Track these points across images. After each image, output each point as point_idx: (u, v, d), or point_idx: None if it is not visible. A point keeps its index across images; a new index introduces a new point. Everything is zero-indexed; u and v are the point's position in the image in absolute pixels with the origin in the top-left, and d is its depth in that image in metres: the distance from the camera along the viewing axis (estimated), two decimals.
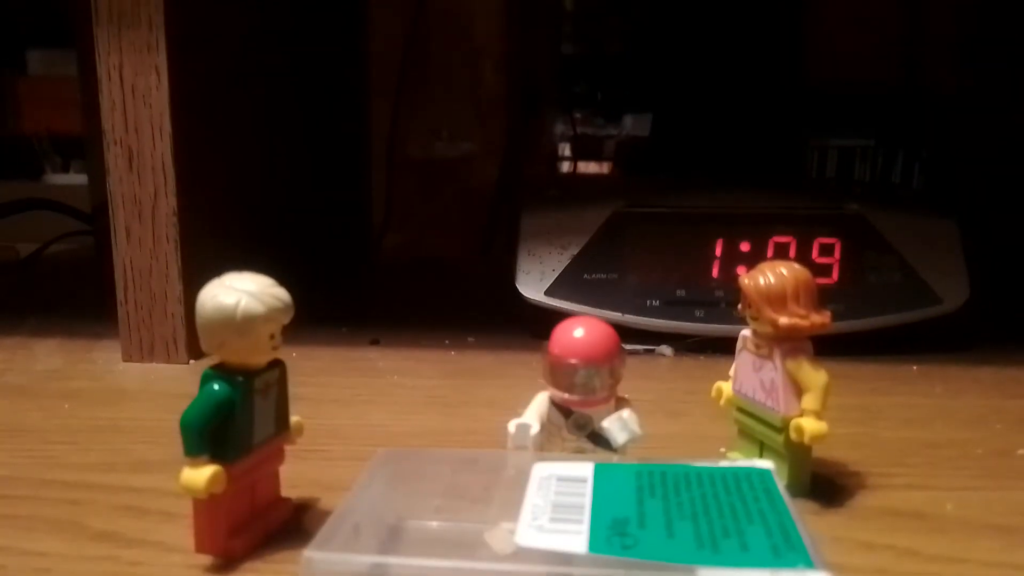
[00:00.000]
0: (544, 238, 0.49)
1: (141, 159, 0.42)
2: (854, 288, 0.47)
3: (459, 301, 0.63)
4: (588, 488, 0.22)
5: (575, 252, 0.48)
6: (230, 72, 0.48)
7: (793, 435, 0.26)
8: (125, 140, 0.41)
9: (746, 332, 0.28)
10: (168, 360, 0.43)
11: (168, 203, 0.42)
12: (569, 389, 0.25)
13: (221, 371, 0.23)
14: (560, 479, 0.22)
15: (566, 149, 0.94)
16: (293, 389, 0.25)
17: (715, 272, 0.48)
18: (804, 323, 0.26)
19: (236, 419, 0.23)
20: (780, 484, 0.22)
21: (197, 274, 0.42)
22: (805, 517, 0.20)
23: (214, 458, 0.22)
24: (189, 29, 0.42)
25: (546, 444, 0.26)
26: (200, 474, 0.22)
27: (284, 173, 0.57)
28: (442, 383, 0.41)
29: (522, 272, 0.48)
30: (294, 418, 0.25)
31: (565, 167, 0.94)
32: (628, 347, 0.31)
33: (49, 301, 0.61)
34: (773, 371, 0.26)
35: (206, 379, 0.23)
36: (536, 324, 0.46)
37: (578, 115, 0.92)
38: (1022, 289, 0.62)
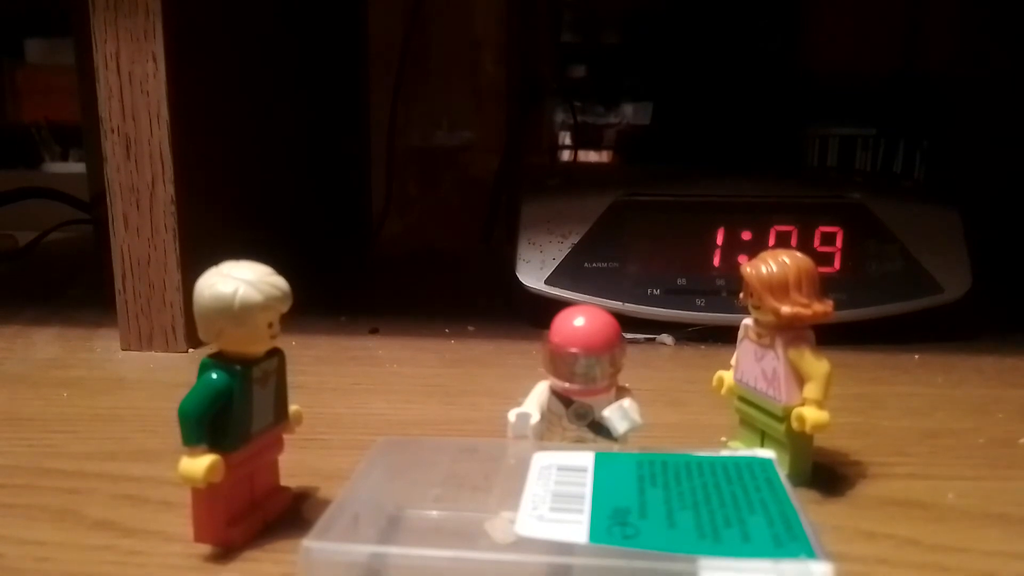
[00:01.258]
0: (544, 227, 0.49)
1: (138, 147, 0.41)
2: (856, 277, 0.46)
3: (459, 290, 0.63)
4: (589, 477, 0.22)
5: (575, 241, 0.48)
6: (228, 59, 0.48)
7: (795, 424, 0.26)
8: (122, 128, 0.41)
9: (748, 321, 0.28)
10: (167, 349, 0.43)
11: (166, 191, 0.42)
12: (569, 378, 0.25)
13: (219, 360, 0.23)
14: (560, 468, 0.22)
15: (566, 138, 0.94)
16: (292, 378, 0.25)
17: (716, 261, 0.47)
18: (806, 312, 0.26)
19: (234, 408, 0.22)
20: (781, 473, 0.22)
21: (195, 263, 0.42)
22: (806, 506, 0.20)
23: (212, 447, 0.22)
24: (186, 16, 0.42)
25: (546, 433, 0.26)
26: (198, 463, 0.22)
27: (283, 161, 0.57)
28: (442, 372, 0.41)
29: (522, 261, 0.48)
30: (293, 407, 0.25)
31: (565, 156, 0.93)
32: (629, 336, 0.31)
33: (48, 290, 0.61)
34: (775, 360, 0.26)
35: (204, 368, 0.23)
36: (536, 313, 0.46)
37: (578, 104, 0.91)
38: None
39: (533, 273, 0.48)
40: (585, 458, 0.23)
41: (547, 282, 0.47)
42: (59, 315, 0.51)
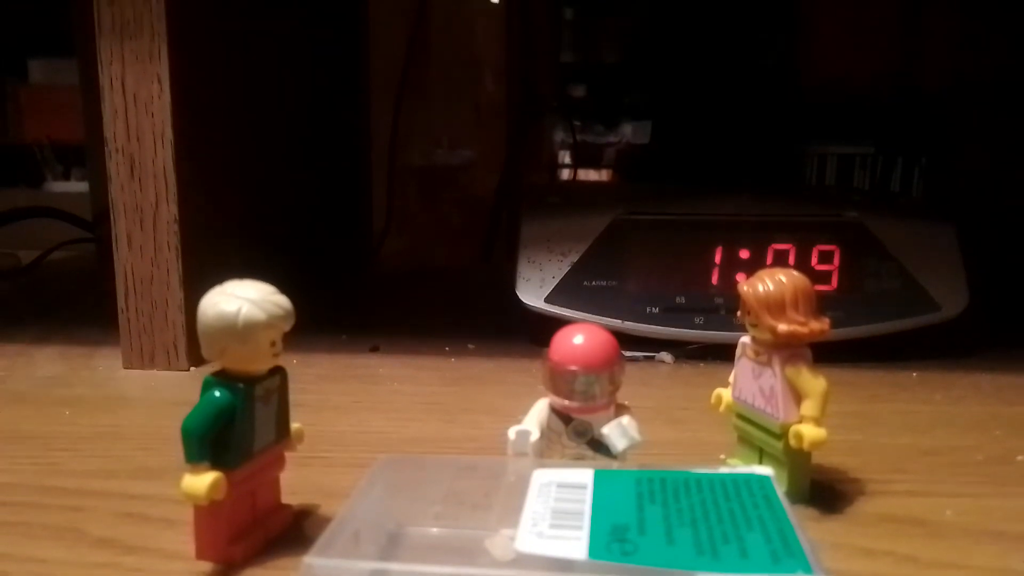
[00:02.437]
0: (544, 245, 0.49)
1: (143, 167, 0.42)
2: (853, 295, 0.47)
3: (459, 308, 0.63)
4: (588, 495, 0.22)
5: (575, 259, 0.48)
6: (232, 80, 0.48)
7: (792, 442, 0.26)
8: (127, 148, 0.42)
9: (745, 339, 0.28)
10: (169, 367, 0.43)
11: (169, 211, 0.42)
12: (569, 396, 0.25)
13: (222, 378, 0.23)
14: (560, 485, 0.22)
15: (566, 156, 0.94)
16: (294, 396, 0.25)
17: (715, 279, 0.48)
18: (803, 330, 0.26)
19: (237, 426, 0.23)
20: (779, 490, 0.22)
21: (198, 281, 0.42)
22: (804, 523, 0.20)
23: (215, 465, 0.22)
24: (191, 38, 0.43)
25: (546, 451, 0.26)
26: (201, 481, 0.22)
27: (285, 180, 0.57)
28: (442, 390, 0.41)
29: (522, 279, 0.48)
30: (295, 425, 0.25)
31: (565, 174, 0.94)
32: (628, 354, 0.31)
33: (50, 308, 0.61)
34: (772, 378, 0.26)
35: (207, 386, 0.23)
36: (536, 331, 0.46)
37: (578, 123, 0.92)
38: (1021, 296, 0.62)
39: (533, 291, 0.48)
40: (584, 475, 0.23)
41: (547, 300, 0.48)
42: (61, 333, 0.51)
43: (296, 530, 0.25)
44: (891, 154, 0.79)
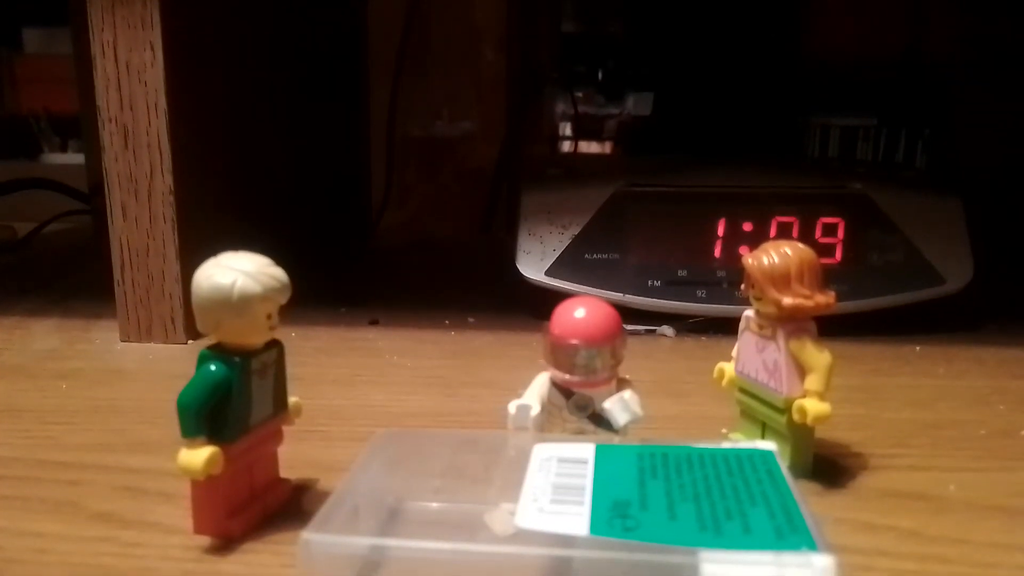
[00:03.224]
0: (545, 217, 0.49)
1: (136, 137, 0.41)
2: (857, 268, 0.46)
3: (459, 281, 0.63)
4: (589, 469, 0.22)
5: (576, 232, 0.48)
6: (226, 49, 0.47)
7: (796, 416, 0.26)
8: (120, 118, 0.41)
9: (749, 312, 0.28)
10: (166, 340, 0.43)
11: (164, 181, 0.41)
12: (570, 370, 0.25)
13: (218, 351, 0.23)
14: (561, 460, 0.22)
15: (567, 128, 0.93)
16: (291, 369, 0.25)
17: (717, 252, 0.47)
18: (808, 303, 0.25)
19: (233, 400, 0.22)
20: (783, 465, 0.22)
21: (194, 253, 0.42)
22: (808, 498, 0.20)
23: (211, 439, 0.22)
24: (184, 4, 0.42)
25: (547, 425, 0.25)
26: (197, 455, 0.21)
27: (282, 152, 0.56)
28: (442, 363, 0.41)
29: (522, 252, 0.48)
30: (292, 399, 0.25)
31: (566, 146, 0.93)
32: (629, 328, 0.31)
33: (47, 281, 0.60)
34: (776, 352, 0.26)
35: (203, 360, 0.23)
36: (537, 304, 0.46)
37: (579, 94, 0.91)
38: None
39: (533, 264, 0.47)
40: (586, 450, 0.23)
41: (547, 273, 0.47)
42: (58, 306, 0.51)
43: (294, 505, 0.25)
44: (895, 126, 0.78)
